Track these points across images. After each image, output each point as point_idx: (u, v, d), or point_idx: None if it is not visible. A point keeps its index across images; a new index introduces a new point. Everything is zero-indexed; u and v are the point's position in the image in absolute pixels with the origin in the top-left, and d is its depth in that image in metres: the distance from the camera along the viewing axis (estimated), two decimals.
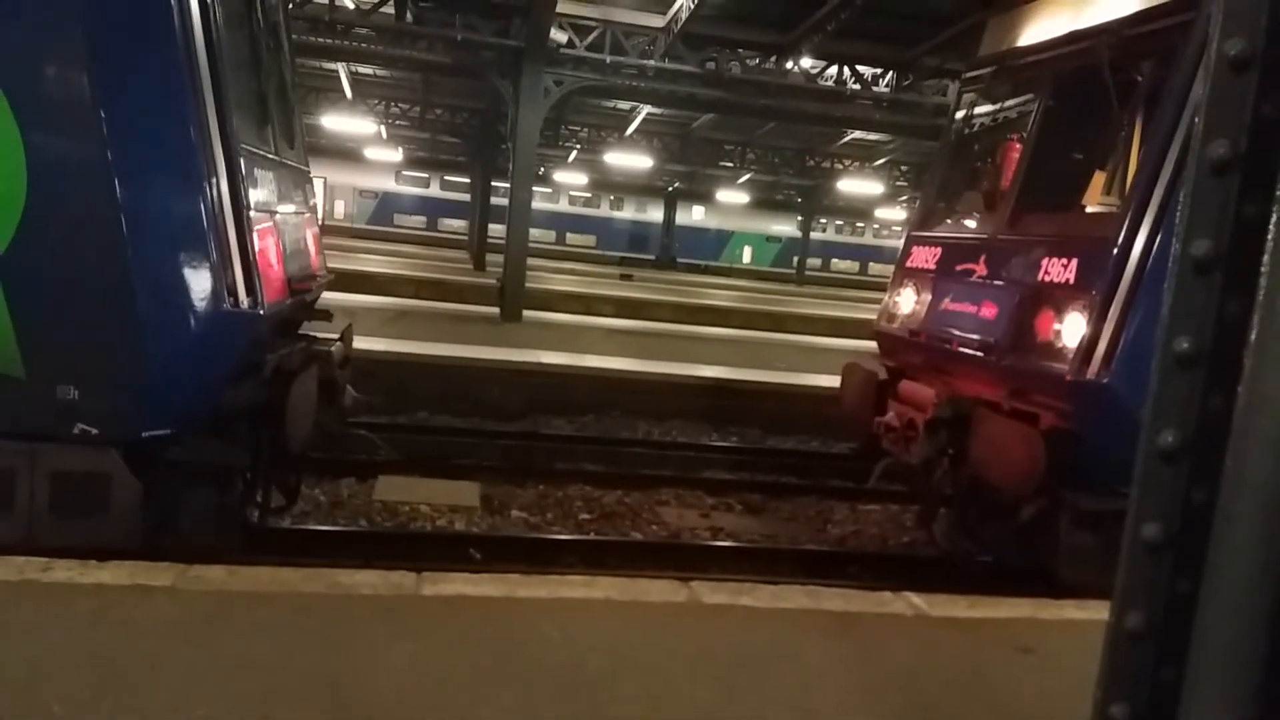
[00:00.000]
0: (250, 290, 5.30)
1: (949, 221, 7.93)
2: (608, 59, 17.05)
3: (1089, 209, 6.58)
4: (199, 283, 5.05)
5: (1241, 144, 1.24)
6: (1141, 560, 1.31)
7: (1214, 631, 1.20)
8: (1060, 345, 5.77)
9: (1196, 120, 1.27)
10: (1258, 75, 1.24)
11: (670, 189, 47.98)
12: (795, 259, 47.97)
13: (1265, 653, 1.16)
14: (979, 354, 6.41)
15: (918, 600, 4.76)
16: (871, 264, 53.43)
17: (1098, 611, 4.70)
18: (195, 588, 4.19)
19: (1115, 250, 5.57)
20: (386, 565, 5.37)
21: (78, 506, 5.08)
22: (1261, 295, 1.16)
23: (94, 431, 5.01)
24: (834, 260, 53.96)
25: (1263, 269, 1.17)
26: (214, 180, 5.11)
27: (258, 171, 5.80)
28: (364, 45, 17.66)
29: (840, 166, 35.52)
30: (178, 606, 4.00)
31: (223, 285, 5.12)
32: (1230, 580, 1.18)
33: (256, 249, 5.38)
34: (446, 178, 46.71)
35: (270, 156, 6.31)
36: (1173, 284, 1.28)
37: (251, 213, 5.39)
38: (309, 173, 7.77)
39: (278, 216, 6.16)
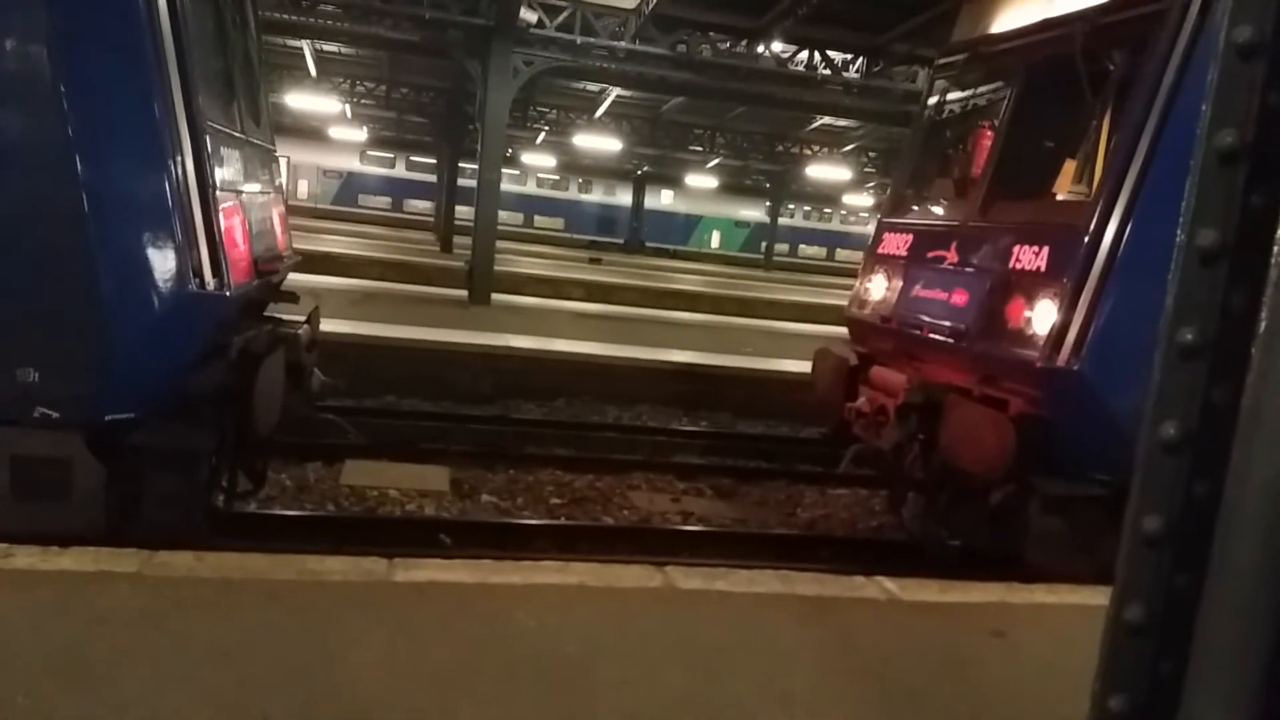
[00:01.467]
0: (216, 271, 5.18)
1: (920, 208, 7.95)
2: (578, 40, 16.91)
3: (1060, 197, 6.62)
4: (163, 263, 4.93)
5: (1249, 133, 1.22)
6: (1141, 553, 1.30)
7: (1216, 625, 1.20)
8: (1031, 332, 5.81)
9: (1204, 108, 1.25)
10: (1266, 63, 1.22)
11: (639, 172, 47.86)
12: (763, 244, 48.05)
13: (1267, 647, 1.15)
14: (950, 340, 6.44)
15: (890, 585, 4.79)
16: (839, 249, 53.66)
17: (1067, 595, 4.77)
18: (161, 574, 4.10)
19: (1086, 238, 5.61)
20: (355, 550, 5.30)
21: (39, 491, 4.96)
22: (1270, 287, 1.15)
23: (55, 415, 4.89)
24: (801, 246, 54.13)
25: (1272, 260, 1.15)
26: (179, 158, 4.98)
27: (223, 150, 5.67)
28: (329, 22, 17.39)
29: (809, 152, 35.59)
30: (144, 594, 3.91)
31: (188, 266, 5.01)
32: (1233, 574, 1.17)
33: (222, 229, 5.27)
34: (412, 158, 46.22)
35: (236, 134, 6.18)
36: (1177, 275, 1.27)
37: (217, 192, 5.27)
38: (275, 151, 7.62)
39: (244, 196, 6.03)
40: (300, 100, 29.36)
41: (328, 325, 9.06)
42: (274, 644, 3.59)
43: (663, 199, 51.48)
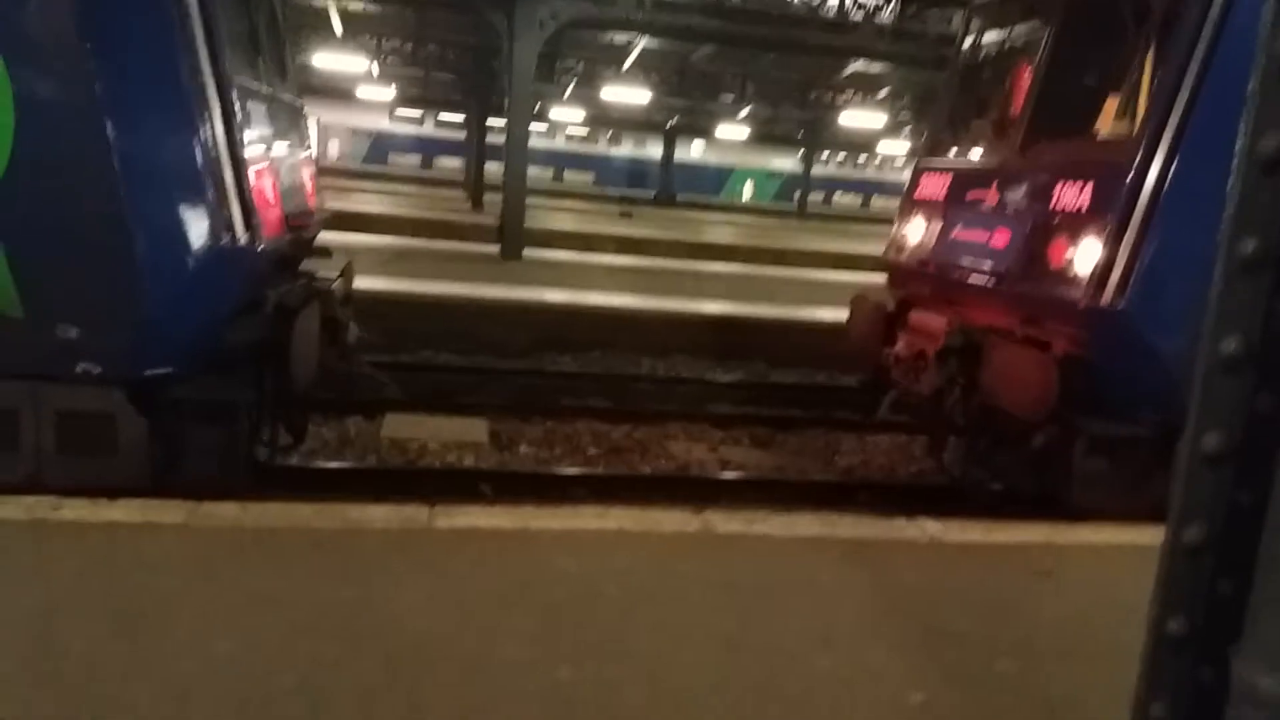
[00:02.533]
0: (248, 226, 5.21)
1: (958, 150, 7.79)
2: None
3: (1102, 134, 6.44)
4: (195, 219, 4.97)
5: None
6: (1201, 472, 1.26)
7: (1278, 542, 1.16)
8: (1074, 272, 5.69)
9: (1263, 13, 1.18)
10: None
11: (669, 124, 47.27)
12: (796, 194, 47.47)
13: None
14: (991, 282, 6.33)
15: (932, 526, 4.76)
16: (875, 197, 52.91)
17: (1115, 534, 4.72)
18: (207, 524, 4.17)
19: (1130, 175, 5.47)
20: (397, 500, 5.36)
21: (84, 446, 5.06)
22: None
23: (96, 371, 4.97)
24: (836, 195, 53.44)
25: None
26: (207, 115, 5.00)
27: (251, 105, 5.67)
28: None
29: (842, 98, 34.99)
30: (191, 543, 3.99)
31: (220, 221, 5.04)
32: None
33: (252, 184, 5.28)
34: (441, 116, 46.05)
35: (263, 90, 6.17)
36: (1238, 183, 1.21)
37: (245, 147, 5.28)
38: (302, 108, 7.61)
39: (272, 151, 6.04)
40: (327, 60, 29.19)
41: (363, 283, 9.10)
42: (319, 589, 3.64)
43: (694, 151, 50.93)
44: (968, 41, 8.04)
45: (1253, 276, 1.22)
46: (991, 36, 7.88)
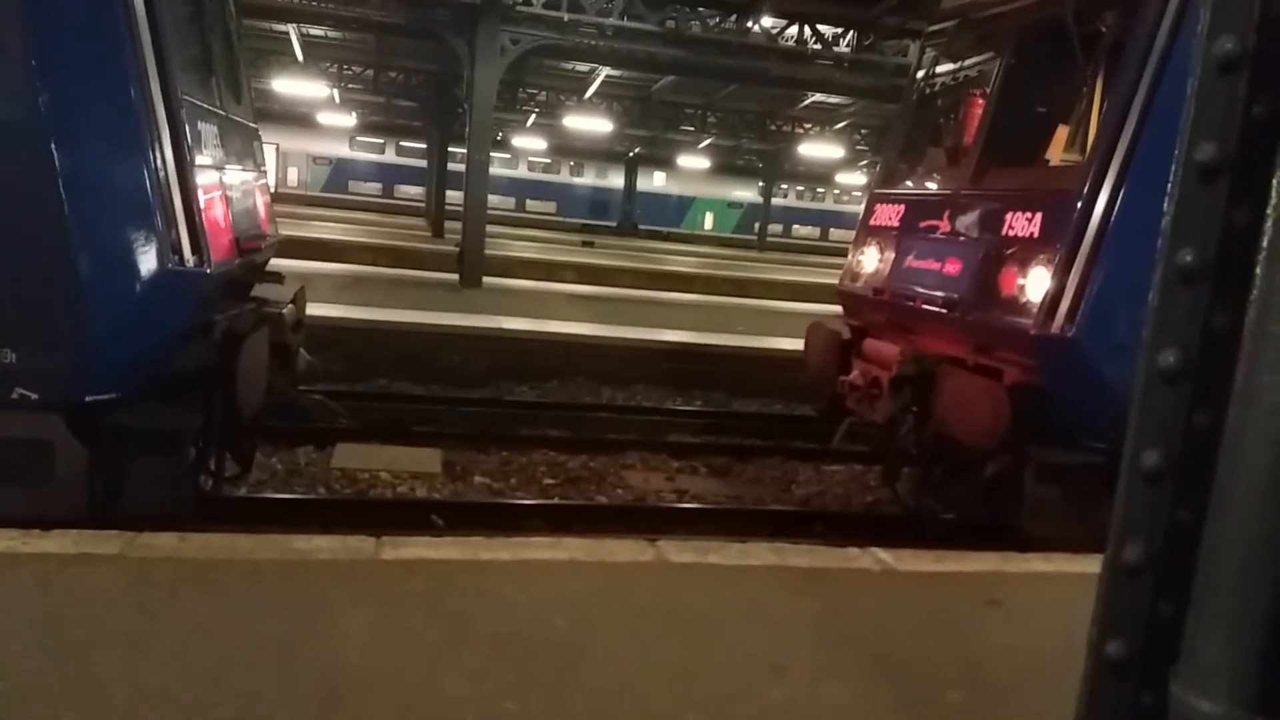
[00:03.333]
0: (196, 248, 5.09)
1: (912, 179, 7.88)
2: (565, 16, 16.74)
3: (1053, 163, 6.54)
4: (141, 241, 4.84)
5: (1250, 40, 1.15)
6: (1140, 489, 1.23)
7: (1219, 560, 1.13)
8: (1024, 300, 5.74)
9: (1203, 13, 1.17)
10: None
11: (631, 154, 47.59)
12: (756, 225, 47.84)
13: (1272, 580, 1.08)
14: (943, 310, 6.37)
15: (884, 555, 4.73)
16: (833, 229, 53.45)
17: (1064, 564, 4.72)
18: (144, 555, 4.03)
19: (1080, 203, 5.54)
20: (343, 530, 5.24)
21: (20, 474, 4.88)
22: (1273, 202, 1.07)
23: (34, 396, 4.81)
24: (795, 226, 53.95)
25: (1275, 174, 1.08)
26: (155, 135, 4.89)
27: (202, 125, 5.57)
28: (315, 4, 17.20)
29: (801, 130, 35.42)
30: (126, 575, 3.84)
31: (166, 243, 4.92)
32: (1237, 505, 1.10)
33: (201, 205, 5.17)
34: (402, 143, 45.95)
35: (215, 110, 6.07)
36: (1175, 192, 1.19)
37: (195, 168, 5.18)
38: (257, 130, 7.51)
39: (224, 173, 5.94)
40: (288, 86, 29.08)
41: (319, 309, 8.98)
42: (258, 621, 3.52)
43: (655, 181, 51.24)
44: (922, 70, 8.15)
45: (1190, 288, 1.20)
46: (945, 65, 8.00)
